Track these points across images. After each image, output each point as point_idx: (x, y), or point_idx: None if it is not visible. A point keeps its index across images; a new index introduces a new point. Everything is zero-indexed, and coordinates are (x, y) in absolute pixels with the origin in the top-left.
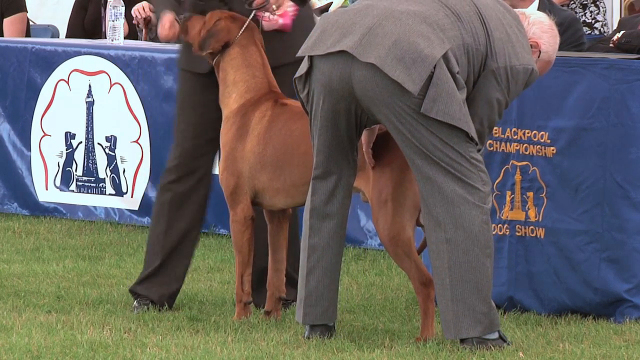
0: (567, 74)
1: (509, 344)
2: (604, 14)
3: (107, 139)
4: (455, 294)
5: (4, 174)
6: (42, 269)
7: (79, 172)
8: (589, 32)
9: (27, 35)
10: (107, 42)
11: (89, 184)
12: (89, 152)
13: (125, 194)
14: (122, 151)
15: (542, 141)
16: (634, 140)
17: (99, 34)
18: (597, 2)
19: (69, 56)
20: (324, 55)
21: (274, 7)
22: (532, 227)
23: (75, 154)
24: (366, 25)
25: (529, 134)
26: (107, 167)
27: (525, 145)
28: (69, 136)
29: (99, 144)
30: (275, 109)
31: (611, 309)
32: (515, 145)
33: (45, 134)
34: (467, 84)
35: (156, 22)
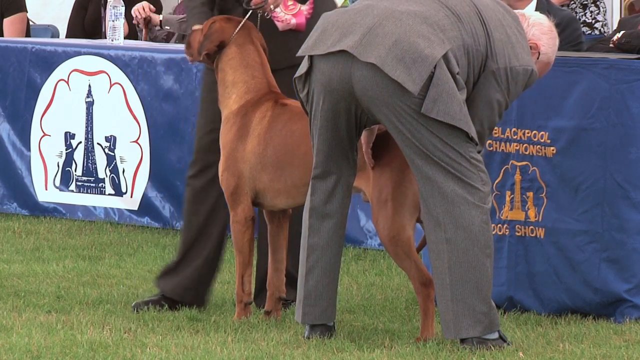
0: (567, 74)
1: (509, 344)
2: (604, 14)
3: (107, 139)
4: (455, 293)
5: (3, 174)
6: (42, 269)
7: (79, 172)
8: (589, 32)
9: (27, 35)
10: (107, 42)
11: (89, 184)
12: (89, 152)
13: (124, 194)
14: (122, 151)
15: (542, 141)
16: (634, 140)
17: (99, 34)
18: (597, 2)
19: (69, 56)
20: (324, 55)
21: (272, 7)
22: (532, 227)
23: (74, 154)
24: (366, 25)
25: (528, 134)
26: (107, 167)
27: (525, 145)
28: (69, 136)
29: (98, 144)
30: (275, 109)
31: (611, 309)
32: (515, 145)
33: (45, 134)
34: (467, 84)
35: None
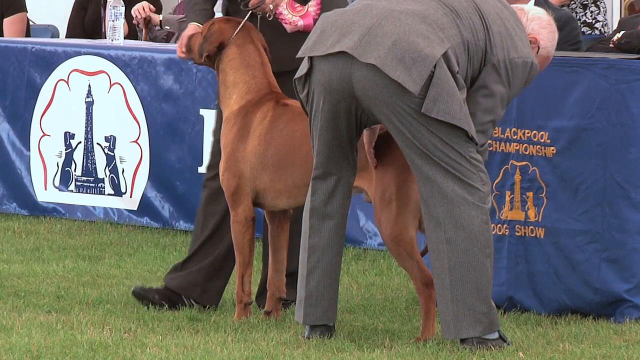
0: (567, 74)
1: (509, 344)
2: (604, 14)
3: (107, 139)
4: (455, 294)
5: (3, 173)
6: (42, 269)
7: (78, 172)
8: (589, 32)
9: (27, 35)
10: (107, 42)
11: (88, 184)
12: (88, 152)
13: (124, 194)
14: (122, 151)
15: (542, 141)
16: (634, 140)
17: (98, 34)
18: (598, 2)
19: (69, 56)
20: (324, 55)
21: (271, 7)
22: (531, 227)
23: (74, 154)
24: (365, 25)
25: (528, 134)
26: (106, 167)
27: (525, 145)
28: (68, 136)
29: (98, 144)
30: (276, 109)
31: (611, 309)
32: (515, 145)
33: (44, 134)
34: (466, 80)
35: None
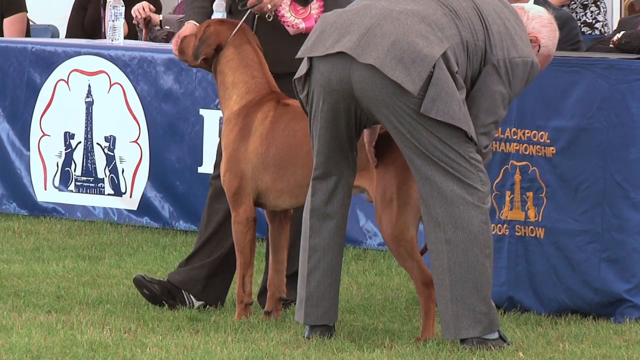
0: (567, 74)
1: (509, 344)
2: (605, 14)
3: (106, 139)
4: (454, 294)
5: (2, 173)
6: (42, 269)
7: (78, 172)
8: (590, 32)
9: (27, 35)
10: (107, 42)
11: (88, 184)
12: (88, 152)
13: (124, 194)
14: (121, 151)
15: (542, 141)
16: (634, 140)
17: (98, 34)
18: (598, 2)
19: (69, 56)
20: (323, 56)
21: (269, 7)
22: (531, 227)
23: (74, 154)
24: (364, 25)
25: (528, 134)
26: (106, 167)
27: (525, 145)
28: (68, 136)
29: (98, 144)
30: (277, 109)
31: (611, 309)
32: (515, 145)
33: (44, 134)
34: (466, 81)
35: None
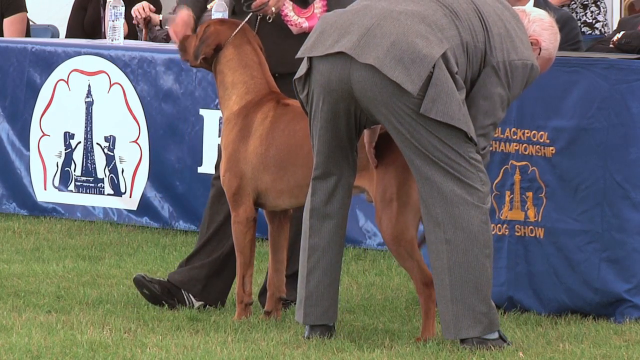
0: (567, 74)
1: (509, 344)
2: (605, 14)
3: (106, 139)
4: (454, 294)
5: (2, 173)
6: (42, 269)
7: (78, 172)
8: (590, 32)
9: (27, 35)
10: (107, 42)
11: (88, 184)
12: (88, 152)
13: (123, 194)
14: (121, 151)
15: (542, 141)
16: (634, 140)
17: (98, 34)
18: (598, 2)
19: (69, 56)
20: (323, 56)
21: (273, 10)
22: (531, 227)
23: (74, 154)
24: (364, 25)
25: (528, 134)
26: (106, 167)
27: (524, 145)
28: (68, 136)
29: (97, 144)
30: (277, 109)
31: (611, 309)
32: (514, 145)
33: (44, 134)
34: (466, 82)
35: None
